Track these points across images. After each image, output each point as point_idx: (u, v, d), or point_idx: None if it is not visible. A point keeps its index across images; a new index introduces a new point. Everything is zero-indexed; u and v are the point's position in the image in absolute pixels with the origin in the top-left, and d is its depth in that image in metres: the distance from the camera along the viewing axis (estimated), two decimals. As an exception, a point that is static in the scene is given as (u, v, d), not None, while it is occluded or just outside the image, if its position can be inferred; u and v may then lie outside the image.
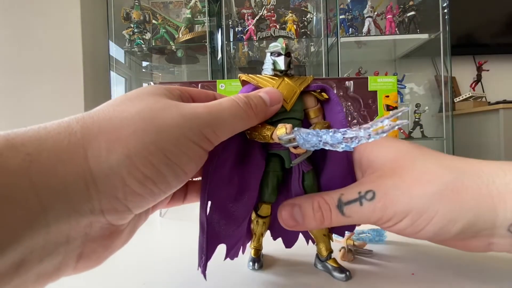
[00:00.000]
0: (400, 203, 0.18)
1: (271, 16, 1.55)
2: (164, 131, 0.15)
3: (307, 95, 0.22)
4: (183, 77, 1.85)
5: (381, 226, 0.20)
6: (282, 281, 0.22)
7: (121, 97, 0.16)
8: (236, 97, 0.18)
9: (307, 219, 0.20)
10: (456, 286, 0.20)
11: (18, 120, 1.35)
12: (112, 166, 0.13)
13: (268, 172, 0.22)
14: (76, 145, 0.13)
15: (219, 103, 0.17)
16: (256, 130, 0.20)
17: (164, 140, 0.15)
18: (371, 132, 0.15)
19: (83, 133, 0.14)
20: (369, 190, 0.19)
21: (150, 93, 0.17)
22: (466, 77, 1.83)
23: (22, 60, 1.36)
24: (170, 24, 1.58)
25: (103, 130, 0.14)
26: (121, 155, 0.14)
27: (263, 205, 0.23)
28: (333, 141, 0.16)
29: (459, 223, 0.17)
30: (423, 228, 0.18)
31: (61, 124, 0.14)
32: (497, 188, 0.17)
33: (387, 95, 0.59)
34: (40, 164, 0.12)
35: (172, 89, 0.18)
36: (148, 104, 0.16)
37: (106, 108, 0.15)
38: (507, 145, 1.45)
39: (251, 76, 0.21)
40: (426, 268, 0.23)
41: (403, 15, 1.57)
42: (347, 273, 0.22)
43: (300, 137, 0.17)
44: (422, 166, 0.19)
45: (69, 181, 0.12)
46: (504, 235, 0.18)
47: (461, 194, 0.17)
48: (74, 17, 1.38)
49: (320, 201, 0.20)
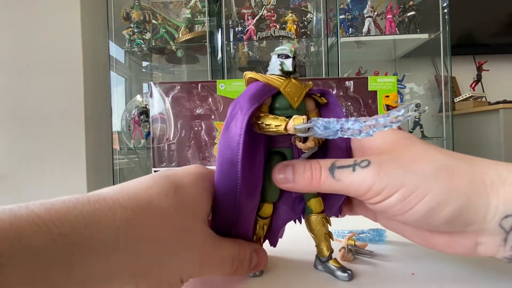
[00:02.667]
0: (393, 175, 0.18)
1: (271, 16, 1.54)
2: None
3: (307, 98, 0.22)
4: (183, 77, 1.85)
5: (369, 201, 0.19)
6: (283, 282, 0.22)
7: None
8: (234, 260, 0.20)
9: (297, 177, 0.20)
10: (456, 286, 0.20)
11: (18, 120, 1.35)
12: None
13: (270, 169, 0.22)
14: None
15: (214, 261, 0.19)
16: (268, 122, 0.20)
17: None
18: (390, 120, 0.16)
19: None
20: (365, 160, 0.19)
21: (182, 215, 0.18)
22: (466, 77, 1.82)
23: (22, 60, 1.36)
24: (170, 24, 1.58)
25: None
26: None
27: (265, 204, 0.23)
28: (354, 128, 0.17)
29: (450, 206, 0.17)
30: (412, 207, 0.18)
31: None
32: (490, 178, 0.17)
33: (387, 95, 0.59)
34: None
35: (202, 207, 0.20)
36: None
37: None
38: (507, 145, 1.45)
39: (260, 74, 0.22)
40: (426, 268, 0.23)
41: (403, 15, 1.57)
42: (349, 272, 0.22)
43: (320, 125, 0.18)
44: (421, 148, 0.19)
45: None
46: (494, 232, 0.17)
47: (456, 177, 0.17)
48: (74, 17, 1.38)
49: (313, 162, 0.20)
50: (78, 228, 0.13)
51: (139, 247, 0.15)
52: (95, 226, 0.14)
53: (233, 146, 0.20)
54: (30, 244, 0.12)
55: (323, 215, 0.23)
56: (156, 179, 0.18)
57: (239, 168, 0.19)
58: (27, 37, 1.36)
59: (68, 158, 1.36)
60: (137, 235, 0.15)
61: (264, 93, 0.21)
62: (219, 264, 0.19)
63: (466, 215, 0.17)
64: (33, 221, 0.12)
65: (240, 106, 0.20)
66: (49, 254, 0.12)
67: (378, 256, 0.26)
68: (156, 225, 0.16)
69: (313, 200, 0.23)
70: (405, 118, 0.16)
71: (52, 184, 1.35)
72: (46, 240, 0.12)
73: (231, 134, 0.20)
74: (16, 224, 0.12)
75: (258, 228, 0.23)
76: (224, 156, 0.20)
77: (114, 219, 0.15)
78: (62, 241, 0.12)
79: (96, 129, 1.47)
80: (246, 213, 0.21)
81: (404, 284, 0.21)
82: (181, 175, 0.20)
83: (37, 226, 0.12)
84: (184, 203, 0.18)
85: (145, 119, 1.43)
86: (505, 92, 1.75)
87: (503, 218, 0.17)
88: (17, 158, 1.35)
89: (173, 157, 0.61)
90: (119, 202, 0.15)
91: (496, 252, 0.18)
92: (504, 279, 0.21)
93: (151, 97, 0.61)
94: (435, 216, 0.18)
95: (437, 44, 1.52)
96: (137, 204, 0.16)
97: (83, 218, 0.14)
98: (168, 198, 0.17)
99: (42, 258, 0.12)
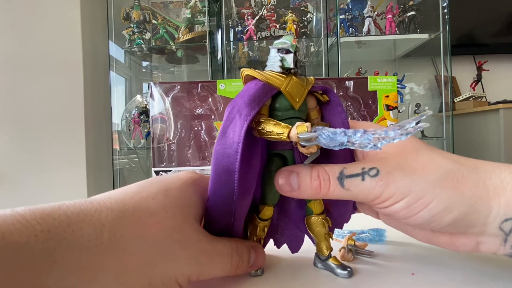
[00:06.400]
0: (401, 184, 0.18)
1: (271, 16, 1.54)
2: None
3: (309, 95, 0.21)
4: (183, 77, 1.85)
5: (376, 205, 0.19)
6: (283, 281, 0.22)
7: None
8: (234, 254, 0.20)
9: (303, 186, 0.20)
10: (456, 286, 0.20)
11: (18, 120, 1.35)
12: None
13: (271, 172, 0.21)
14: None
15: (213, 258, 0.19)
16: (269, 129, 0.19)
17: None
18: (401, 132, 0.15)
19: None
20: (373, 167, 0.19)
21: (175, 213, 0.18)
22: (466, 77, 1.82)
23: (22, 60, 1.36)
24: (170, 24, 1.58)
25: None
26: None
27: (266, 207, 0.22)
28: (362, 141, 0.16)
29: (454, 212, 0.18)
30: (417, 213, 0.18)
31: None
32: (493, 183, 0.18)
33: (387, 95, 0.59)
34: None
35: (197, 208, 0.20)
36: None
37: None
38: (507, 145, 1.45)
39: (258, 72, 0.20)
40: (426, 268, 0.23)
41: (403, 15, 1.57)
42: (349, 269, 0.22)
43: (326, 135, 0.17)
44: (427, 155, 0.19)
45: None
46: (495, 234, 0.18)
47: (461, 184, 0.18)
48: (74, 17, 1.38)
49: (321, 170, 0.20)
50: (61, 226, 0.13)
51: (125, 244, 0.15)
52: (78, 224, 0.14)
53: (230, 154, 0.18)
54: (12, 240, 0.12)
55: (323, 216, 0.23)
56: (144, 186, 0.18)
57: (236, 177, 0.18)
58: (27, 37, 1.36)
59: (68, 158, 1.36)
60: (122, 232, 0.15)
61: (264, 94, 0.19)
62: (218, 260, 0.19)
63: (468, 219, 0.18)
64: (16, 219, 0.12)
65: (238, 109, 0.19)
66: (31, 250, 0.12)
67: (378, 256, 0.26)
68: (144, 223, 0.16)
69: (313, 202, 0.23)
70: (416, 130, 0.15)
71: (52, 184, 1.35)
72: (28, 237, 0.12)
73: (228, 141, 0.19)
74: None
75: (259, 230, 0.23)
76: (220, 164, 0.19)
77: (99, 218, 0.14)
78: (45, 237, 0.12)
79: (96, 129, 1.47)
80: (239, 218, 0.21)
81: (404, 284, 0.21)
82: (171, 180, 0.20)
83: (20, 224, 0.12)
84: (173, 204, 0.18)
85: (145, 119, 1.43)
86: (505, 92, 1.75)
87: (503, 221, 0.17)
88: (17, 158, 1.35)
89: (173, 157, 0.61)
90: (106, 205, 0.15)
91: (497, 250, 0.19)
92: (504, 279, 0.21)
93: (151, 97, 0.61)
94: (439, 220, 0.18)
95: (437, 44, 1.52)
96: (123, 207, 0.16)
97: (67, 217, 0.14)
98: (156, 200, 0.17)
99: (24, 254, 0.12)
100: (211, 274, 0.19)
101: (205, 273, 0.18)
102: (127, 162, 1.54)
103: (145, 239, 0.16)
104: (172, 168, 0.61)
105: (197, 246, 0.18)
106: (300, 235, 0.25)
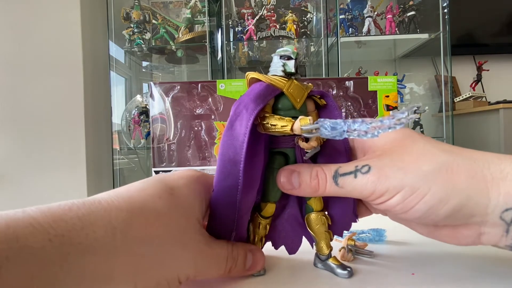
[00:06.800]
0: (394, 178, 0.18)
1: (271, 16, 1.55)
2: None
3: (307, 99, 0.22)
4: (183, 77, 1.85)
5: (372, 202, 0.20)
6: (283, 281, 0.22)
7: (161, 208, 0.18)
8: (228, 258, 0.20)
9: (303, 185, 0.21)
10: (456, 286, 0.20)
11: (18, 120, 1.35)
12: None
13: (273, 170, 0.22)
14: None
15: (209, 260, 0.19)
16: (273, 123, 0.20)
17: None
18: (394, 122, 0.16)
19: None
20: (366, 165, 0.19)
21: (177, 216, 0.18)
22: (466, 77, 1.82)
23: (22, 60, 1.36)
24: (170, 24, 1.58)
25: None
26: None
27: (268, 204, 0.23)
28: (360, 129, 0.17)
29: (450, 203, 0.18)
30: (413, 206, 0.18)
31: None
32: (491, 173, 0.18)
33: (387, 95, 0.59)
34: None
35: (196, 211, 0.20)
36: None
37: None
38: (507, 145, 1.45)
39: (263, 75, 0.22)
40: (426, 268, 0.23)
41: (403, 15, 1.57)
42: (349, 269, 0.22)
43: (327, 126, 0.18)
44: (422, 147, 0.19)
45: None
46: (496, 224, 0.18)
47: (455, 175, 0.18)
48: (74, 17, 1.38)
49: (319, 170, 0.20)
50: (74, 229, 0.13)
51: (137, 247, 0.15)
52: (91, 227, 0.14)
53: (236, 145, 0.20)
54: (27, 245, 0.12)
55: (323, 214, 0.23)
56: (150, 183, 0.19)
57: (241, 167, 0.19)
58: (27, 37, 1.36)
59: (68, 158, 1.36)
60: (134, 235, 0.15)
61: (268, 93, 0.21)
62: (214, 262, 0.20)
63: (466, 210, 0.18)
64: (29, 223, 0.12)
65: (245, 105, 0.20)
66: (47, 254, 0.12)
67: (378, 256, 0.26)
68: (152, 225, 0.16)
69: (313, 199, 0.23)
70: (408, 121, 0.16)
71: (52, 184, 1.35)
72: (43, 241, 0.12)
73: (235, 133, 0.20)
74: (13, 226, 0.12)
75: (261, 228, 0.23)
76: (227, 155, 0.20)
77: (109, 220, 0.15)
78: (59, 241, 0.13)
79: (96, 129, 1.47)
80: (243, 214, 0.21)
81: (404, 284, 0.21)
82: (175, 178, 0.20)
83: (34, 228, 0.12)
84: (178, 205, 0.18)
85: (145, 119, 1.43)
86: (505, 92, 1.75)
87: (504, 211, 0.17)
88: (17, 158, 1.35)
89: (173, 157, 0.61)
90: (114, 204, 0.16)
91: (499, 241, 0.19)
92: (504, 278, 0.21)
93: (151, 97, 0.61)
94: (436, 212, 0.18)
95: (437, 44, 1.52)
96: (131, 206, 0.16)
97: (79, 219, 0.14)
98: (163, 200, 0.18)
99: (39, 258, 0.12)
100: (205, 275, 0.20)
101: (200, 274, 0.19)
102: (127, 162, 1.54)
103: (152, 241, 0.16)
104: (172, 168, 0.61)
105: (196, 248, 0.19)
106: (299, 236, 0.25)
